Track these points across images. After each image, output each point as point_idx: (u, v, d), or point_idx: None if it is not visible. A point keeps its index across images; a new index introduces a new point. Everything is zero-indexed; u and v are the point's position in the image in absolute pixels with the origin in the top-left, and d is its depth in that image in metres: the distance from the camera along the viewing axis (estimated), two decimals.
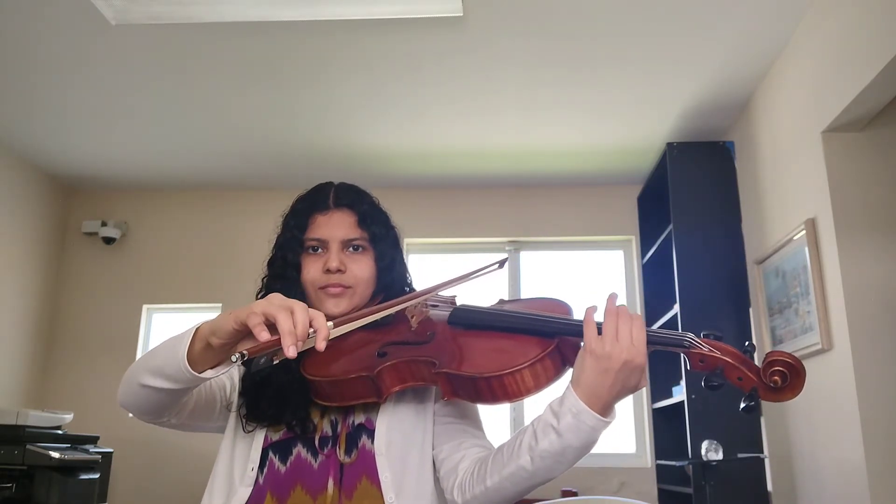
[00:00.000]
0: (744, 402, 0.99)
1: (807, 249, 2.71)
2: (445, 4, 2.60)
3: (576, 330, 1.06)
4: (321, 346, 0.94)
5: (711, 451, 2.86)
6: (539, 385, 1.04)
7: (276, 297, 0.97)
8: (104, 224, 4.40)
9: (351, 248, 1.26)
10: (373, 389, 1.12)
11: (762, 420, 3.22)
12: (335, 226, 1.26)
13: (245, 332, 0.96)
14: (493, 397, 1.04)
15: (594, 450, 1.06)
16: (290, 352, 0.91)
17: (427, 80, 3.22)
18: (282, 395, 1.17)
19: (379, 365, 1.11)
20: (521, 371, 1.02)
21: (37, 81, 3.24)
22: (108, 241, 4.40)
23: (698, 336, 1.03)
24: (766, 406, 3.16)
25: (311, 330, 0.94)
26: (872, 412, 2.39)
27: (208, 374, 1.03)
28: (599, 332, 1.02)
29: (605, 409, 1.02)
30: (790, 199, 2.92)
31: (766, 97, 3.17)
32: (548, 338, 1.06)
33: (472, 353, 1.09)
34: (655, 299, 4.03)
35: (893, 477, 2.33)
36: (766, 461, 3.18)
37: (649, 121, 3.59)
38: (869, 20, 2.28)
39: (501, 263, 1.27)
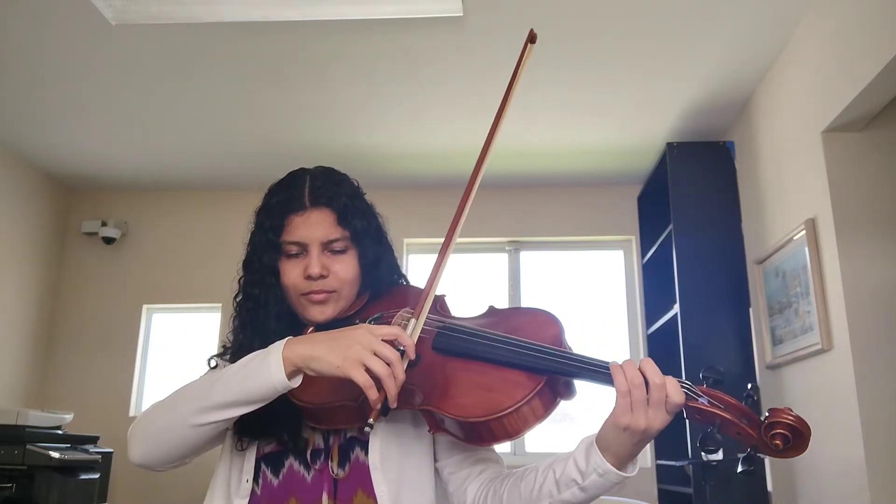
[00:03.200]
0: (742, 465, 0.93)
1: (807, 249, 2.71)
2: (445, 4, 2.60)
3: (571, 370, 1.00)
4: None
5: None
6: (528, 426, 0.99)
7: (362, 336, 0.98)
8: (104, 224, 4.40)
9: (331, 250, 1.18)
10: (359, 415, 1.05)
11: None
12: (313, 226, 1.17)
13: (343, 380, 0.97)
14: (479, 439, 1.00)
15: None
16: (394, 403, 0.96)
17: (427, 80, 3.22)
18: (272, 410, 1.09)
19: (362, 393, 1.01)
20: (510, 415, 0.97)
21: (37, 81, 3.23)
22: (108, 241, 4.40)
23: (698, 379, 0.97)
24: (766, 406, 3.15)
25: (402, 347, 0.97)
26: (872, 412, 2.39)
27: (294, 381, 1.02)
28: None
29: (629, 463, 1.00)
30: (790, 199, 2.92)
31: (766, 97, 3.16)
32: (538, 374, 1.00)
33: (457, 388, 1.02)
34: (655, 299, 4.03)
35: (893, 477, 2.33)
36: (767, 461, 3.18)
37: (649, 121, 3.59)
38: (868, 20, 2.28)
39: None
